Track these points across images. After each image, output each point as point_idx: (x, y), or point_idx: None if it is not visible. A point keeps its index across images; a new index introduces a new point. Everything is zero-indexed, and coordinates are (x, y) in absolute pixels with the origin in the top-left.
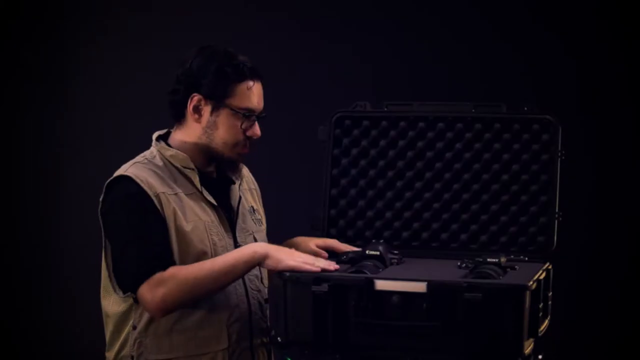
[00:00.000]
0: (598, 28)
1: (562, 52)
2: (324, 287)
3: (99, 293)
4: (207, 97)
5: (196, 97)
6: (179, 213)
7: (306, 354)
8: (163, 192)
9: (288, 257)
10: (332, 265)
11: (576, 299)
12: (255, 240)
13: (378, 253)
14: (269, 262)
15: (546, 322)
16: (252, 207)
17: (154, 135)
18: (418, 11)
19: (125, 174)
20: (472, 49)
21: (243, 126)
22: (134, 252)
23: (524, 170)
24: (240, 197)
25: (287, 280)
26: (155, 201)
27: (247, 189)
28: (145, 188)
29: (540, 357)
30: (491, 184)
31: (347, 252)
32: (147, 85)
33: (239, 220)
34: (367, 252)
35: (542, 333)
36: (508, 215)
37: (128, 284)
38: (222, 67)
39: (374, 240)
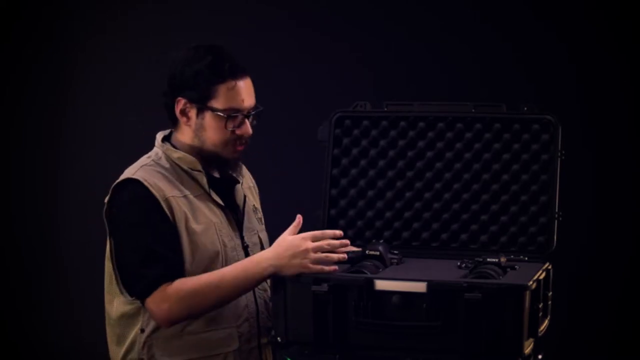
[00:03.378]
0: (598, 28)
1: (562, 52)
2: (324, 287)
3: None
4: (191, 101)
5: (182, 101)
6: (190, 215)
7: (306, 354)
8: (172, 196)
9: (301, 266)
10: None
11: (576, 299)
12: (260, 240)
13: (378, 253)
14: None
15: (546, 322)
16: (254, 205)
17: (159, 136)
18: (418, 11)
19: (134, 177)
20: (472, 49)
21: (230, 126)
22: (141, 262)
23: (524, 170)
24: (245, 197)
25: (287, 280)
26: (165, 206)
27: (247, 187)
28: (154, 192)
29: (540, 357)
30: (491, 184)
31: (347, 252)
32: (147, 85)
33: (245, 220)
34: (367, 252)
35: (542, 333)
36: (508, 215)
37: (135, 293)
38: (202, 70)
39: (374, 240)
